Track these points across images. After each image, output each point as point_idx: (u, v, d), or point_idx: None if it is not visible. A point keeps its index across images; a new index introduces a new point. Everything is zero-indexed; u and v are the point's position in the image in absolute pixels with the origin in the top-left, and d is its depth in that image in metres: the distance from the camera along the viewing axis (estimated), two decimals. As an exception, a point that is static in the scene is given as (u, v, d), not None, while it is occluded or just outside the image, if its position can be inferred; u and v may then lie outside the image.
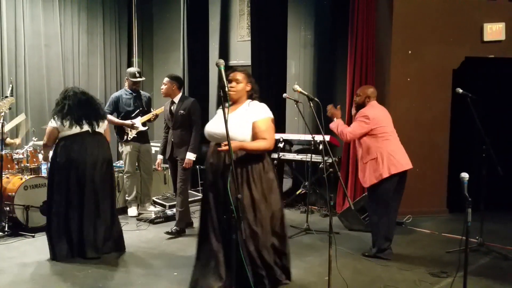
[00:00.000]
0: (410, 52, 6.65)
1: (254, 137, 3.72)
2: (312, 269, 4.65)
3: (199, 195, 7.64)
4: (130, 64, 9.39)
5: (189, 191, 7.41)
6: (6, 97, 5.56)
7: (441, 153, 6.79)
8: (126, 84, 6.75)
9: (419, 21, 6.64)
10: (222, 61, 2.86)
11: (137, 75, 6.66)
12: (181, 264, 4.71)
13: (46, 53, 8.08)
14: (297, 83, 7.64)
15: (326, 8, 7.74)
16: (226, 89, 2.76)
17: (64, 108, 4.78)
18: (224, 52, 8.69)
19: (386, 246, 4.90)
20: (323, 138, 3.82)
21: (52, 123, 4.84)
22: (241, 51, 8.52)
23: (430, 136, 6.71)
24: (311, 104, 3.67)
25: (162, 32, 9.74)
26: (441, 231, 6.07)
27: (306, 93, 3.78)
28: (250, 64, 7.56)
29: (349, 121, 6.46)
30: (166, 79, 5.79)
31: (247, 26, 8.43)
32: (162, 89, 5.79)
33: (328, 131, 6.86)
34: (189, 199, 6.08)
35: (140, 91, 6.93)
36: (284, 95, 6.01)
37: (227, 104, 3.59)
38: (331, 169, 4.20)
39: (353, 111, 5.39)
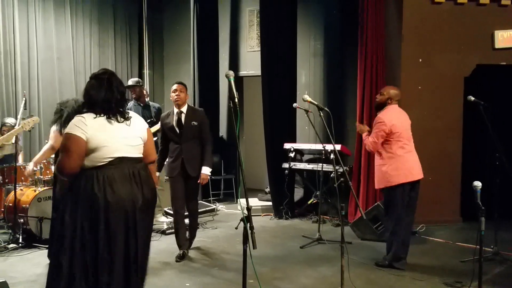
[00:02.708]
0: (420, 60, 6.63)
1: None
2: (325, 279, 4.62)
3: (211, 206, 7.66)
4: (141, 76, 9.47)
5: (200, 201, 7.43)
6: (32, 115, 5.62)
7: (454, 161, 6.74)
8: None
9: (429, 29, 6.63)
10: (231, 73, 2.87)
11: (130, 83, 6.84)
12: (194, 274, 4.72)
13: (59, 66, 8.19)
14: (307, 92, 7.66)
15: (336, 17, 7.77)
16: (236, 100, 2.76)
17: (63, 116, 4.62)
18: (234, 63, 8.73)
19: (402, 254, 4.86)
20: (334, 148, 3.81)
21: (54, 128, 4.80)
22: (251, 61, 8.56)
23: (442, 144, 6.67)
24: (321, 114, 3.68)
25: (173, 44, 9.82)
26: (455, 240, 6.00)
27: (316, 103, 3.79)
28: (260, 74, 7.57)
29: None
30: (180, 86, 5.32)
31: (257, 36, 8.47)
32: (178, 96, 5.25)
33: (338, 140, 6.89)
34: (200, 210, 6.05)
35: (150, 102, 7.00)
36: (295, 105, 6.04)
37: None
38: (342, 179, 4.17)
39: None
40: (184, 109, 5.29)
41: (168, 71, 9.95)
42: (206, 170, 5.26)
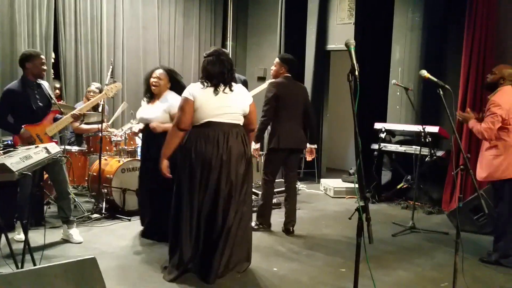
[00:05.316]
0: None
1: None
2: (424, 274, 4.22)
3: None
4: (223, 47, 9.23)
5: (281, 180, 7.13)
6: (115, 81, 5.52)
7: None
8: None
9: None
10: (353, 41, 2.49)
11: None
12: (281, 259, 4.46)
13: (143, 35, 8.11)
14: (401, 69, 7.13)
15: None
16: (356, 73, 2.39)
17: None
18: (322, 36, 8.27)
19: (511, 251, 4.37)
20: (453, 130, 3.36)
21: None
22: (340, 34, 8.07)
23: None
24: (441, 92, 3.24)
25: (257, 15, 9.51)
26: None
27: (435, 80, 3.36)
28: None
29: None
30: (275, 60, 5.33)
31: (348, 8, 7.97)
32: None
33: (436, 122, 6.35)
34: (281, 189, 5.80)
35: (236, 74, 6.68)
36: (393, 81, 5.69)
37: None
38: (461, 166, 3.77)
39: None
40: None
41: (251, 43, 9.67)
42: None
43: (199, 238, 3.81)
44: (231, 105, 3.80)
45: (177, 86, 4.84)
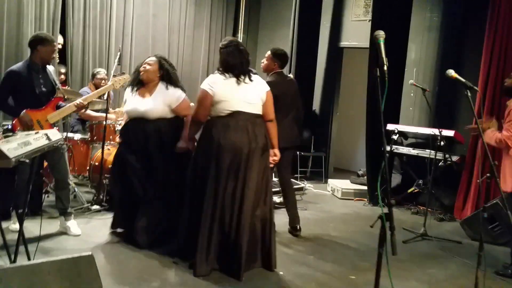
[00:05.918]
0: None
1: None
2: (438, 285, 4.01)
3: (300, 184, 7.12)
4: (234, 40, 9.03)
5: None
6: (123, 73, 5.32)
7: None
8: None
9: None
10: (382, 33, 2.28)
11: None
12: (288, 262, 4.26)
13: (153, 23, 7.90)
14: (416, 70, 6.91)
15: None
16: (385, 68, 2.19)
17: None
18: (336, 32, 8.05)
19: None
20: (481, 134, 3.14)
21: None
22: (355, 31, 7.85)
23: None
24: (469, 94, 3.03)
25: (270, 8, 9.28)
26: None
27: (463, 80, 3.15)
28: (366, 46, 6.86)
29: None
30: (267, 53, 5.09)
31: (364, 5, 7.74)
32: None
33: (451, 126, 6.13)
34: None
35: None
36: (410, 81, 5.49)
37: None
38: (488, 174, 3.57)
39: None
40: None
41: (263, 36, 9.45)
42: None
43: (223, 229, 3.74)
44: (253, 95, 3.79)
45: (166, 75, 4.47)
